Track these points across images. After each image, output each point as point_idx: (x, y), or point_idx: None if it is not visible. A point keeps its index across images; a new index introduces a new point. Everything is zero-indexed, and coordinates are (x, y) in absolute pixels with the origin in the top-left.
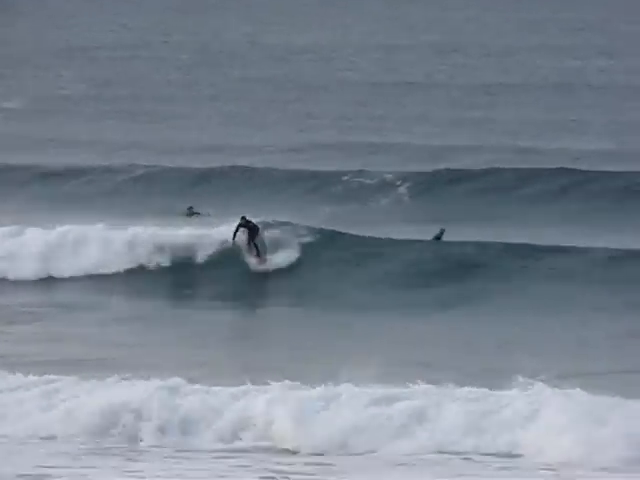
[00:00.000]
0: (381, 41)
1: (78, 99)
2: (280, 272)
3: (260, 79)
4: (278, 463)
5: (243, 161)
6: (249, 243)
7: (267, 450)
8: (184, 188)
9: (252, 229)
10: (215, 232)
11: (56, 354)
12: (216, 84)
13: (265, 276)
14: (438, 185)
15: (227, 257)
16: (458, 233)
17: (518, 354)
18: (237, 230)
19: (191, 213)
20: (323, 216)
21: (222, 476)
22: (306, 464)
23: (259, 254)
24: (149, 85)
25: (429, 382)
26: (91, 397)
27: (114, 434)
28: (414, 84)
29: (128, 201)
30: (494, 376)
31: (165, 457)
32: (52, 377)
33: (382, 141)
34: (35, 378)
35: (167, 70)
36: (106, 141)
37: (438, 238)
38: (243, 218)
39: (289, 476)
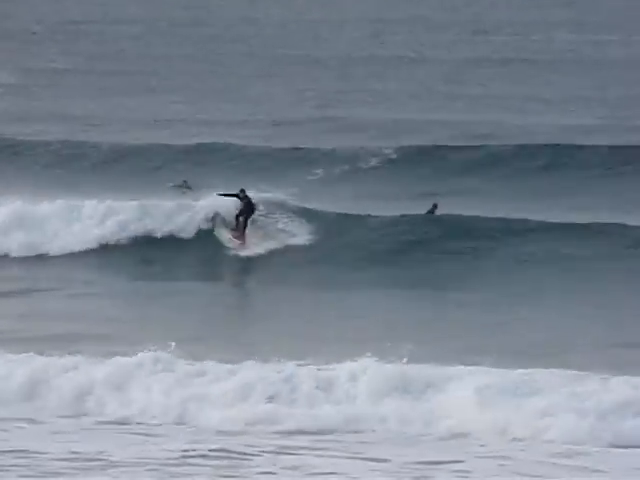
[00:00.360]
0: (363, 15)
1: (66, 73)
2: (274, 253)
3: (247, 54)
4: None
5: (227, 137)
6: (238, 218)
7: None
8: (170, 164)
9: (248, 205)
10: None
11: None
12: (205, 59)
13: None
14: (426, 160)
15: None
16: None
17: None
18: (228, 195)
19: (186, 187)
20: (309, 193)
21: None
22: None
23: (243, 233)
24: (137, 59)
25: None
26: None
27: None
28: (391, 58)
29: (114, 177)
30: None
31: None
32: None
33: (369, 117)
34: None
35: (157, 44)
36: (90, 115)
37: (431, 212)
38: (242, 191)
39: None
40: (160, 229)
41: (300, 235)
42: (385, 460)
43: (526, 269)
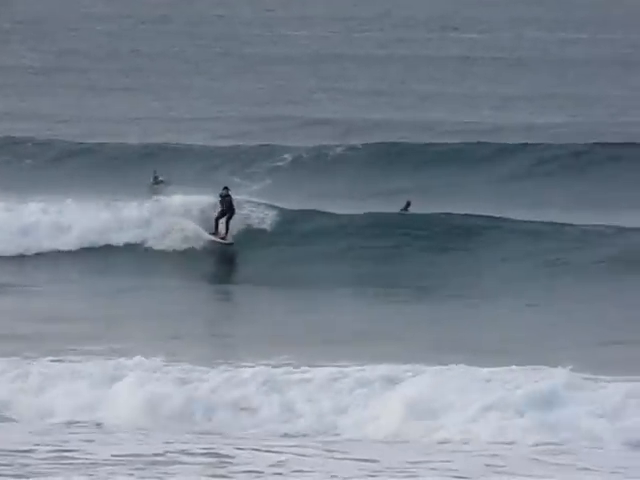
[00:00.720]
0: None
1: (35, 70)
2: (244, 248)
3: (220, 53)
4: None
5: (196, 134)
6: (218, 220)
7: None
8: (138, 161)
9: (229, 205)
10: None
11: None
12: (176, 56)
13: (222, 251)
14: (394, 156)
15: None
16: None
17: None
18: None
19: (157, 182)
20: (275, 189)
21: None
22: None
23: (226, 232)
24: (107, 57)
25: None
26: None
27: None
28: (359, 57)
29: (80, 174)
30: None
31: None
32: None
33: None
34: None
35: (126, 42)
36: (58, 113)
37: (405, 210)
38: (226, 189)
39: None
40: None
41: (264, 229)
42: (373, 460)
43: (491, 267)
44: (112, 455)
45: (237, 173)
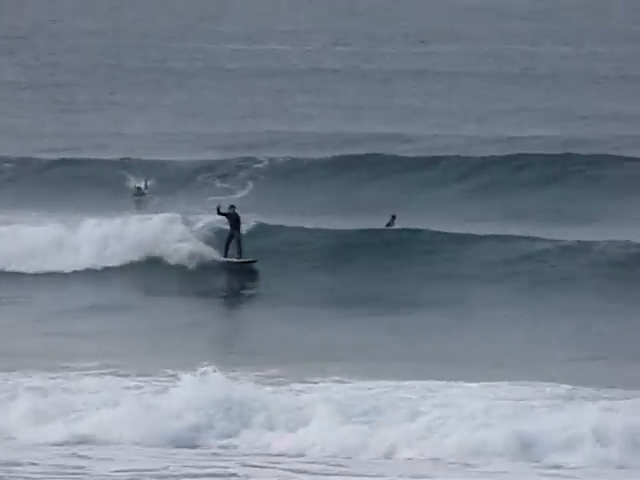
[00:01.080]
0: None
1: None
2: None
3: (184, 70)
4: None
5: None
6: (232, 236)
7: None
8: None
9: (236, 222)
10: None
11: None
12: (149, 72)
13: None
14: (362, 169)
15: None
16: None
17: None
18: (222, 213)
19: (140, 193)
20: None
21: None
22: None
23: (240, 252)
24: (72, 72)
25: None
26: None
27: None
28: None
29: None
30: None
31: None
32: None
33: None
34: None
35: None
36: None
37: (390, 225)
38: (232, 207)
39: None
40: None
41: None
42: None
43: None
44: None
45: (217, 186)
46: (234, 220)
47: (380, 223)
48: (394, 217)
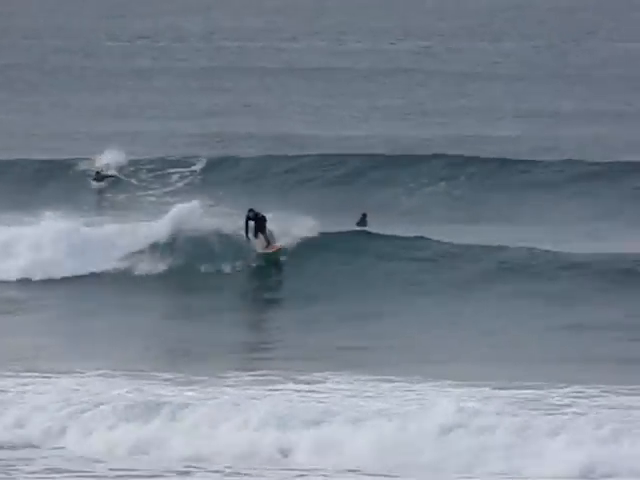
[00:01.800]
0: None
1: None
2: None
3: (149, 69)
4: None
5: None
6: (257, 235)
7: None
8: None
9: (260, 220)
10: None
11: None
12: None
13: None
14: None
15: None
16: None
17: None
18: (247, 225)
19: (99, 177)
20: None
21: None
22: None
23: (269, 243)
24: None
25: None
26: None
27: None
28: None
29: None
30: None
31: None
32: None
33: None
34: None
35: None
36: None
37: (362, 223)
38: (251, 211)
39: None
40: None
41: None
42: None
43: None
44: None
45: (189, 184)
46: (259, 220)
47: (351, 222)
48: (365, 215)
